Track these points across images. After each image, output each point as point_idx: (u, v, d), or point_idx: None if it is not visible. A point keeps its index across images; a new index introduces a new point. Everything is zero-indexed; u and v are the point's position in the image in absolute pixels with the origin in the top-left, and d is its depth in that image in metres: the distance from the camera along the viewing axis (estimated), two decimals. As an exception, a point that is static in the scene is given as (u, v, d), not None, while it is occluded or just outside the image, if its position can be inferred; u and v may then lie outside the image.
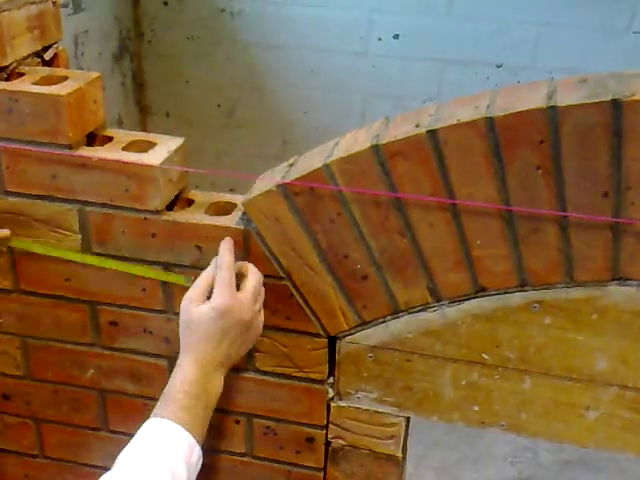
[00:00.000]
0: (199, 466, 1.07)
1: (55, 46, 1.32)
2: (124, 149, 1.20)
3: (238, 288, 1.11)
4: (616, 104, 0.94)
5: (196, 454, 1.05)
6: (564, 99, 0.97)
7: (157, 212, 1.19)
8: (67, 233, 1.24)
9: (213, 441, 1.36)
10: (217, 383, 1.10)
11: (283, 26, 2.99)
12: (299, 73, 3.05)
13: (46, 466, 1.49)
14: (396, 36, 2.89)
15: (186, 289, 1.12)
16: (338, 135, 1.17)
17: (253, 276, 1.13)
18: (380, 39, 2.90)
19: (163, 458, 1.00)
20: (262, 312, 1.15)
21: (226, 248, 1.13)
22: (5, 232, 1.23)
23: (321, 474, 1.35)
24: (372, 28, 2.90)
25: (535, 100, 0.98)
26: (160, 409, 1.06)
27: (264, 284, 1.15)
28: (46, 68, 1.28)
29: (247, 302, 1.10)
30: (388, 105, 2.97)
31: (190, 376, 1.07)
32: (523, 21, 2.77)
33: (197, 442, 1.05)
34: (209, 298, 1.09)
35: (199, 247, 1.19)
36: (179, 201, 1.25)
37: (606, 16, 2.72)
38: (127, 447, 1.03)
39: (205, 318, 1.08)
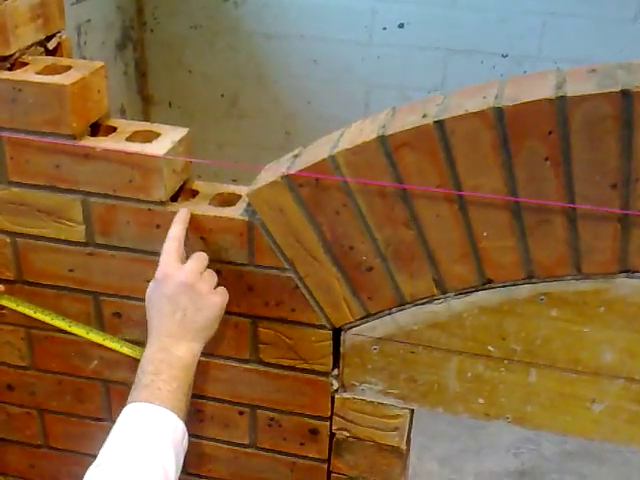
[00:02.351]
0: (185, 443, 1.07)
1: (58, 35, 1.31)
2: (128, 139, 1.20)
3: None
4: (626, 94, 0.93)
5: (180, 430, 1.04)
6: (573, 89, 0.96)
7: (161, 203, 1.18)
8: (71, 224, 1.24)
9: (217, 432, 1.36)
10: (180, 356, 1.08)
11: (287, 15, 2.98)
12: (302, 63, 3.05)
13: (50, 456, 1.49)
14: (401, 25, 2.88)
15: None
16: (342, 125, 1.16)
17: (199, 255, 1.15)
18: (385, 28, 2.89)
19: (144, 438, 1.01)
20: (214, 283, 1.14)
21: (178, 219, 1.14)
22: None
23: (325, 465, 1.34)
24: (377, 17, 2.89)
25: (544, 90, 0.97)
26: (128, 399, 1.06)
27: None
28: (49, 57, 1.27)
29: (189, 266, 1.10)
30: (392, 95, 2.96)
31: (147, 356, 1.08)
32: (529, 11, 2.76)
33: (177, 416, 1.04)
34: None
35: (203, 238, 1.19)
36: (183, 192, 1.25)
37: (612, 6, 2.71)
38: (110, 437, 1.03)
39: (150, 291, 1.11)
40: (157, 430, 1.02)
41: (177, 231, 1.13)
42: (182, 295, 1.08)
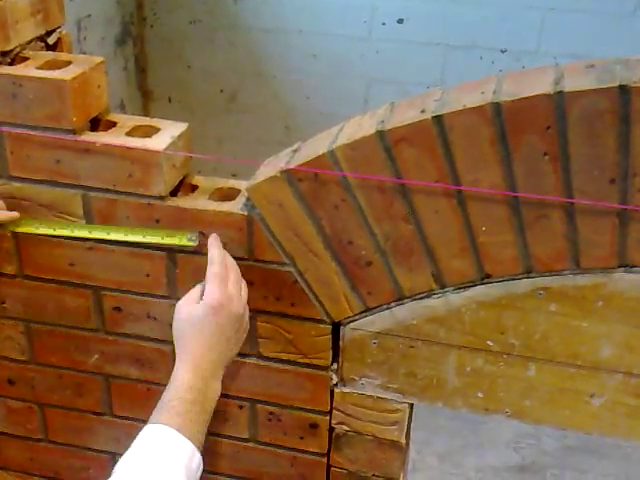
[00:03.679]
0: (199, 473, 1.05)
1: (58, 30, 1.31)
2: (128, 134, 1.20)
3: None
4: (624, 90, 0.94)
5: (196, 461, 1.03)
6: (571, 85, 0.96)
7: (161, 198, 1.19)
8: (71, 218, 1.24)
9: (217, 426, 1.37)
10: (215, 387, 1.08)
11: (286, 10, 2.98)
12: (302, 58, 3.05)
13: (50, 450, 1.50)
14: (400, 20, 2.87)
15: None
16: (341, 120, 1.16)
17: (232, 270, 1.13)
18: (384, 24, 2.89)
19: (163, 466, 0.98)
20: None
21: (214, 245, 1.14)
22: (15, 215, 1.23)
23: (324, 460, 1.35)
24: (376, 12, 2.88)
25: (542, 86, 0.97)
26: (156, 416, 1.03)
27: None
28: (50, 53, 1.27)
29: (236, 295, 1.10)
30: (391, 90, 2.96)
31: (186, 382, 1.05)
32: (528, 6, 2.76)
33: (196, 448, 1.02)
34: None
35: (203, 233, 1.19)
36: (183, 186, 1.25)
37: (611, 1, 2.70)
38: (126, 454, 1.00)
39: (200, 317, 1.08)
40: (178, 461, 1.00)
41: (219, 255, 1.12)
42: (232, 326, 1.09)
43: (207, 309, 1.07)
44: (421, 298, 1.16)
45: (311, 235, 1.14)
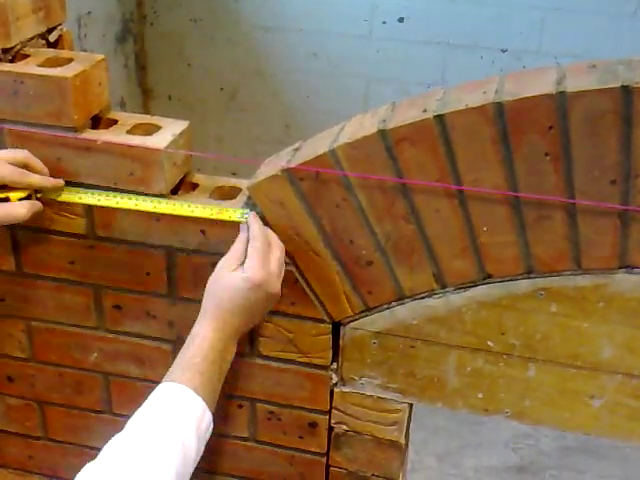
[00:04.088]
0: (209, 434, 1.08)
1: (60, 28, 1.31)
2: (129, 132, 1.20)
3: None
4: (626, 90, 0.93)
5: (206, 420, 1.05)
6: (573, 85, 0.96)
7: (162, 196, 1.18)
8: (72, 216, 1.24)
9: (216, 425, 1.36)
10: (232, 351, 1.11)
11: (286, 9, 2.98)
12: (302, 57, 3.05)
13: (50, 448, 1.49)
14: (401, 19, 2.87)
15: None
16: (341, 119, 1.16)
17: (278, 247, 1.13)
18: (385, 22, 2.89)
19: (175, 426, 1.00)
20: None
21: (255, 221, 1.14)
22: (60, 182, 1.20)
23: (324, 459, 1.35)
24: (376, 11, 2.88)
25: (544, 86, 0.97)
26: (175, 374, 1.06)
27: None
28: (51, 50, 1.27)
29: (275, 275, 1.11)
30: (392, 89, 2.96)
31: (208, 342, 1.07)
32: (529, 5, 2.76)
33: (208, 408, 1.05)
34: (242, 264, 1.10)
35: (203, 231, 1.19)
36: (183, 185, 1.25)
37: (612, 1, 2.70)
38: (139, 410, 1.03)
39: (237, 287, 1.08)
40: (190, 422, 1.02)
41: (263, 230, 1.12)
42: (265, 304, 1.11)
43: (247, 283, 1.08)
44: (422, 298, 1.15)
45: (312, 234, 1.14)
